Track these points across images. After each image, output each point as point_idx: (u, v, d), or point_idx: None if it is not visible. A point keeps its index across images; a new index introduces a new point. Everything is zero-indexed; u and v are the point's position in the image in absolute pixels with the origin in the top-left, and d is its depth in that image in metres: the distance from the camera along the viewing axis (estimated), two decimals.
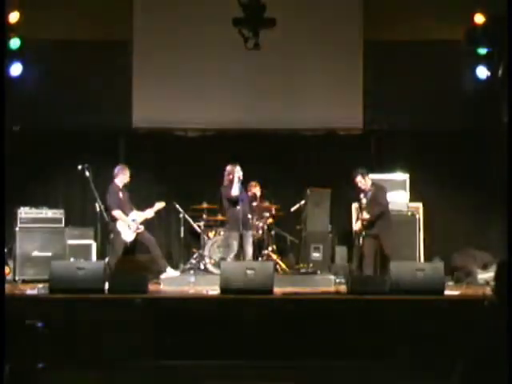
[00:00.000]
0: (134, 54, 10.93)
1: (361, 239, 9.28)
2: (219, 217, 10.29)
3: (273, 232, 10.26)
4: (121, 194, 9.37)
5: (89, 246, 10.00)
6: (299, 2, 10.82)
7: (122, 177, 9.41)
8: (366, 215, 9.19)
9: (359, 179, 9.30)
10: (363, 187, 9.32)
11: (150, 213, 9.49)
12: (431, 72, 10.64)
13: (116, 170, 9.46)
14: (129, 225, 9.27)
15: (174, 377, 6.80)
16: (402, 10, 10.65)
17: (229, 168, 9.25)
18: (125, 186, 9.47)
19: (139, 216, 9.39)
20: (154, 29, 10.91)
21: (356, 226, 9.48)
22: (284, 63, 10.87)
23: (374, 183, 9.38)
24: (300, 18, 10.75)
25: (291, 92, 10.91)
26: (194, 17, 10.84)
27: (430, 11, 10.51)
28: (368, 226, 9.21)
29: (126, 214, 9.29)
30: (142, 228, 9.37)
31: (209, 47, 10.78)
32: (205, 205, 10.26)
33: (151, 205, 9.57)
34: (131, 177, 9.49)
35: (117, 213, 9.19)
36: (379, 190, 9.33)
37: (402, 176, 10.39)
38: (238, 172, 9.26)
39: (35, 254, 9.76)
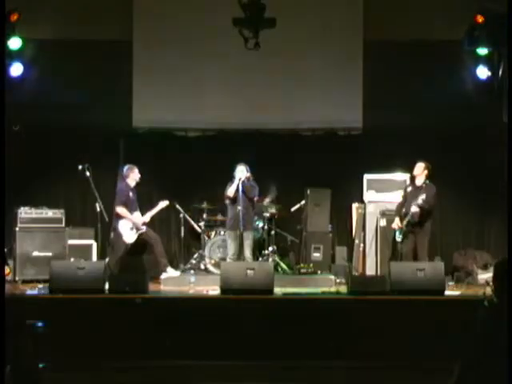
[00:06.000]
0: (134, 54, 10.92)
1: (399, 236, 9.19)
2: (219, 217, 10.29)
3: (273, 232, 10.25)
4: (131, 194, 9.39)
5: (89, 246, 10.00)
6: (299, 1, 10.82)
7: (132, 176, 9.44)
8: (414, 208, 9.03)
9: (421, 171, 9.24)
10: (418, 181, 9.27)
11: (153, 212, 9.51)
12: (431, 72, 10.63)
13: (125, 171, 9.47)
14: (132, 225, 9.28)
15: (174, 377, 6.80)
16: (401, 10, 10.65)
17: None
18: (135, 186, 9.48)
19: (143, 217, 9.41)
20: (154, 29, 10.91)
21: (395, 223, 9.31)
22: (284, 63, 10.86)
23: (426, 182, 9.32)
24: (300, 18, 10.74)
25: (291, 92, 10.90)
26: (194, 17, 10.84)
27: (430, 11, 10.50)
28: (409, 223, 9.11)
29: (131, 214, 9.33)
30: (144, 229, 9.38)
31: (209, 47, 10.78)
32: (205, 205, 10.26)
33: (152, 204, 9.59)
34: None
35: (121, 210, 9.21)
36: (431, 189, 9.25)
37: (401, 176, 10.40)
38: (239, 172, 9.28)
39: (35, 254, 9.76)
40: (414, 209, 9.06)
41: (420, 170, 9.31)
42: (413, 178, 9.56)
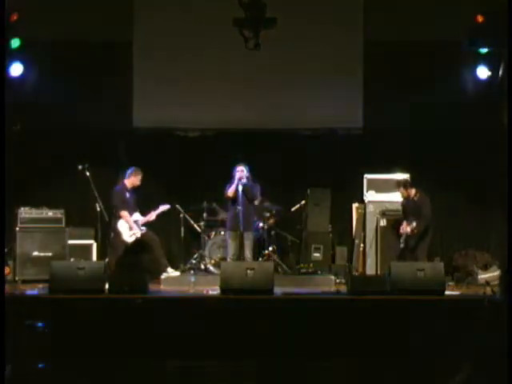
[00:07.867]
0: (134, 54, 10.92)
1: (402, 243, 9.40)
2: (219, 217, 10.29)
3: (273, 232, 10.25)
4: (127, 195, 9.41)
5: (89, 246, 10.02)
6: (299, 2, 10.81)
7: (133, 179, 9.49)
8: (413, 223, 9.24)
9: (402, 190, 9.51)
10: (405, 197, 9.52)
11: (153, 215, 9.53)
12: (431, 72, 10.63)
13: (129, 171, 9.52)
14: (131, 226, 9.29)
15: (173, 377, 6.80)
16: (402, 10, 10.64)
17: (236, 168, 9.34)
18: (133, 188, 9.50)
19: (142, 218, 9.43)
20: (154, 29, 10.91)
21: (402, 229, 9.47)
22: (284, 63, 10.86)
23: (419, 192, 9.47)
24: (300, 18, 10.73)
25: (291, 92, 10.90)
26: (194, 17, 10.84)
27: (430, 11, 10.50)
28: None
29: (130, 215, 9.33)
30: (144, 229, 9.40)
31: (209, 47, 10.78)
32: (205, 205, 10.26)
33: (152, 205, 9.59)
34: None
35: (124, 213, 9.24)
36: (424, 200, 9.37)
37: (401, 176, 10.39)
38: (239, 172, 9.28)
39: (35, 254, 9.76)
40: (413, 224, 9.25)
41: (408, 193, 9.49)
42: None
